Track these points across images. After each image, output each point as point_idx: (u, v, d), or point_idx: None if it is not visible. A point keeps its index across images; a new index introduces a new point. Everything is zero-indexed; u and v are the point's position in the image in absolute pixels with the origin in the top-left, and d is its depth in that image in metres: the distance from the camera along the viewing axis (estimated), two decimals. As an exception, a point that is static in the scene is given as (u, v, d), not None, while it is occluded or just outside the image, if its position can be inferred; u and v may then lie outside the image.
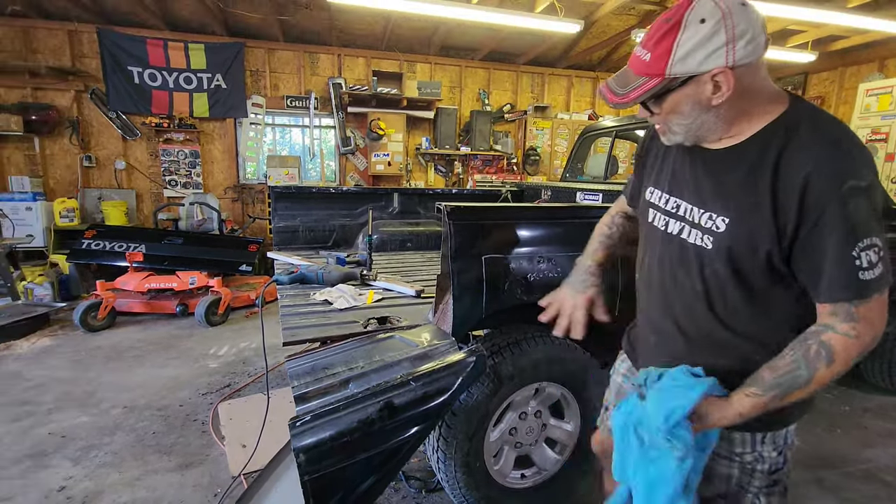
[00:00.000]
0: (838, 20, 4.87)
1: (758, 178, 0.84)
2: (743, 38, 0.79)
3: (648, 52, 0.83)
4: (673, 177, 1.00)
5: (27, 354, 3.63)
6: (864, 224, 0.77)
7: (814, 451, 2.51)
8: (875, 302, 0.80)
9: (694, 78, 0.82)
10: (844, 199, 0.77)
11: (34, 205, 5.57)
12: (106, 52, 5.97)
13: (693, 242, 0.94)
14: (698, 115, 0.86)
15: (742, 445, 1.01)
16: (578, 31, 5.33)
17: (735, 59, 0.79)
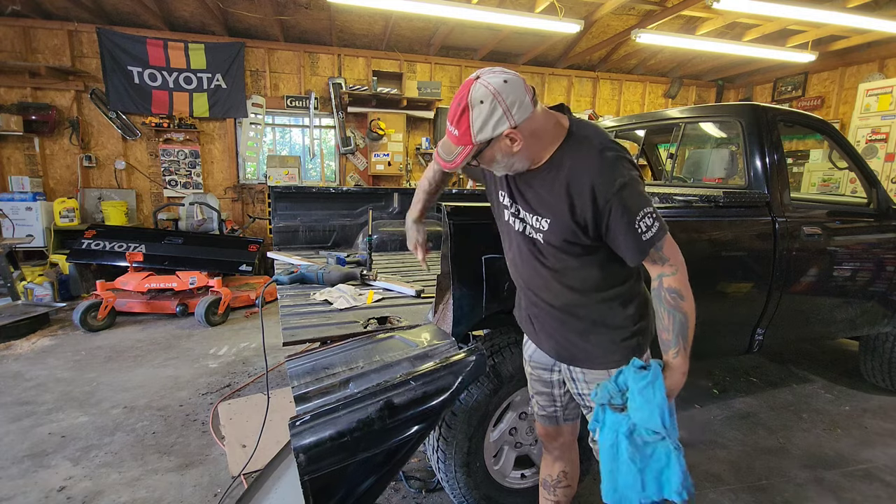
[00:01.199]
0: (838, 20, 4.88)
1: (558, 190, 1.16)
2: (514, 106, 1.08)
3: (455, 129, 1.12)
4: (513, 188, 1.30)
5: (27, 354, 3.63)
6: (634, 203, 1.11)
7: (814, 451, 2.51)
8: (665, 242, 1.16)
9: (494, 139, 1.11)
10: (620, 193, 1.10)
11: (34, 205, 5.57)
12: (106, 52, 5.97)
13: (533, 237, 1.27)
14: (507, 159, 1.16)
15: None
16: (578, 31, 5.34)
17: (515, 121, 1.09)
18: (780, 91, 7.79)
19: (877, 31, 5.45)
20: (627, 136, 3.91)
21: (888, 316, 2.84)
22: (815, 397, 3.13)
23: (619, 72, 8.16)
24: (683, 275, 1.19)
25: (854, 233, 2.68)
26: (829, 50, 6.56)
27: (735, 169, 2.92)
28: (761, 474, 2.30)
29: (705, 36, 6.11)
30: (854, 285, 2.67)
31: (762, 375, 3.45)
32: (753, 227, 2.29)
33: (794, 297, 2.48)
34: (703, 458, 2.42)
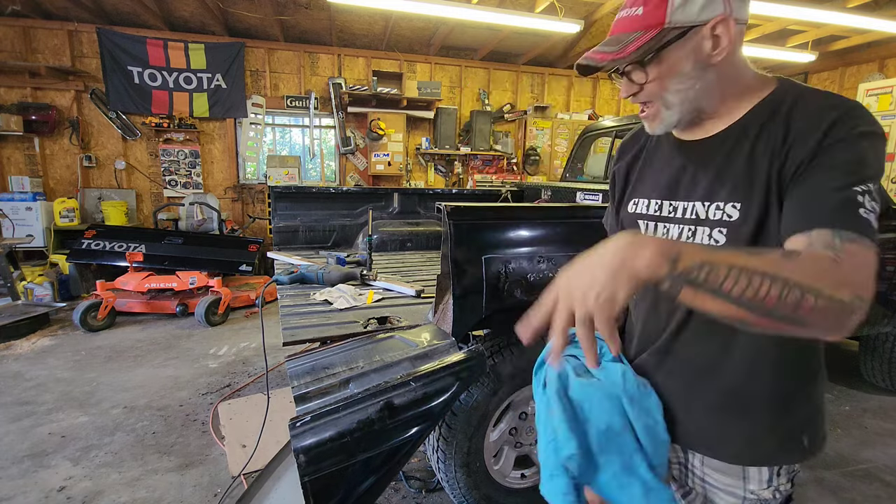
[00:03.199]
0: (838, 20, 4.87)
1: (763, 150, 0.75)
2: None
3: (641, 6, 0.74)
4: (660, 180, 0.90)
5: (27, 354, 3.63)
6: (872, 165, 0.68)
7: (814, 451, 2.51)
8: (862, 247, 0.63)
9: (694, 29, 0.74)
10: (858, 138, 0.68)
11: (34, 205, 5.57)
12: (106, 52, 5.97)
13: (702, 242, 0.81)
14: (700, 75, 0.77)
15: (758, 483, 0.86)
16: (578, 31, 5.33)
17: (732, 8, 0.73)
18: (780, 91, 7.80)
19: (877, 31, 5.44)
20: (627, 136, 3.91)
21: (888, 316, 2.84)
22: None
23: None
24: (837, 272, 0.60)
25: (854, 233, 2.67)
26: (829, 50, 6.56)
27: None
28: (761, 474, 2.30)
29: (705, 36, 6.11)
30: (854, 285, 2.67)
31: (762, 375, 3.45)
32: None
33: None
34: (703, 458, 2.42)
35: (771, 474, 0.85)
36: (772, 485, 0.85)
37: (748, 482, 0.85)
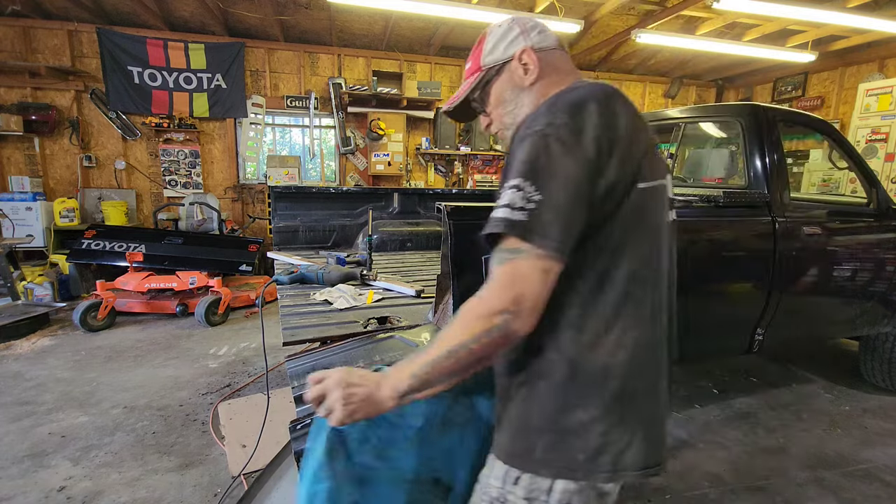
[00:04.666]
0: (838, 20, 4.87)
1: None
2: (534, 30, 0.94)
3: (469, 60, 0.98)
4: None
5: (27, 354, 3.63)
6: (520, 163, 0.77)
7: (814, 451, 2.51)
8: (499, 263, 0.76)
9: (505, 65, 0.94)
10: (523, 139, 0.79)
11: (34, 205, 5.57)
12: (106, 52, 5.97)
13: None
14: (518, 98, 0.94)
15: (492, 476, 0.90)
16: (578, 31, 5.33)
17: (532, 42, 0.92)
18: (780, 91, 7.79)
19: (877, 31, 5.44)
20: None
21: (888, 316, 2.84)
22: (815, 397, 3.13)
23: (619, 72, 8.16)
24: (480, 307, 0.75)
25: (854, 233, 2.68)
26: (829, 50, 6.56)
27: (735, 169, 2.92)
28: (761, 474, 2.30)
29: (705, 36, 6.11)
30: (854, 285, 2.67)
31: (762, 375, 3.45)
32: (753, 227, 2.29)
33: (794, 297, 2.48)
34: (703, 457, 2.42)
35: (504, 473, 0.87)
36: (503, 486, 0.87)
37: (490, 469, 0.91)
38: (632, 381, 0.84)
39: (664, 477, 2.25)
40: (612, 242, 0.81)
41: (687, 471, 2.31)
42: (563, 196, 0.75)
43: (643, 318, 0.85)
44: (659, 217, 0.88)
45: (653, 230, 0.87)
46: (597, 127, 0.77)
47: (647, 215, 0.85)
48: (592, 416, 0.82)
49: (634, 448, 0.83)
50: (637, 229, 0.83)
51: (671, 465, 2.35)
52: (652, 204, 0.85)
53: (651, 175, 0.84)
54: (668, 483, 2.21)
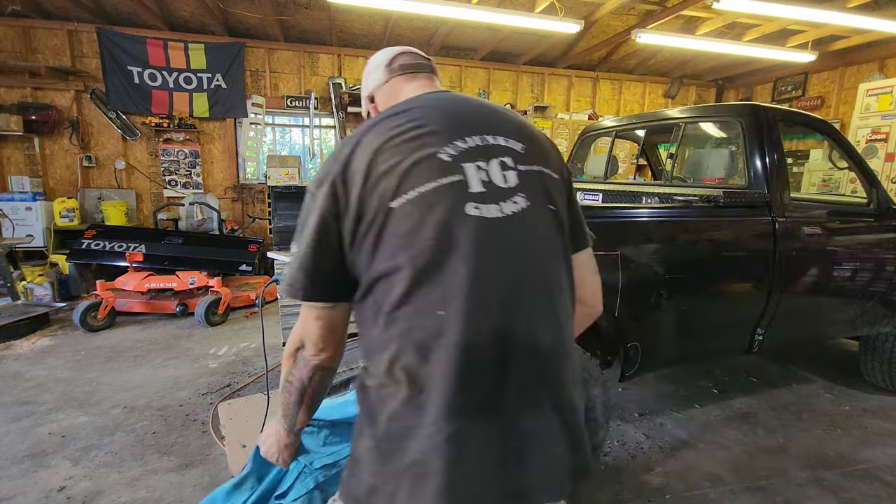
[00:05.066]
0: (838, 20, 4.88)
1: None
2: (368, 76, 1.11)
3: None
4: None
5: (27, 354, 3.63)
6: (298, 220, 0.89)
7: (814, 451, 2.51)
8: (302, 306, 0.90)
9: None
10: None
11: (34, 205, 5.57)
12: (106, 52, 5.97)
13: None
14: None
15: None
16: (578, 31, 5.34)
17: (368, 90, 1.12)
18: (780, 91, 7.79)
19: (877, 31, 5.45)
20: (627, 136, 3.91)
21: (888, 316, 2.84)
22: (815, 397, 3.13)
23: (619, 72, 8.16)
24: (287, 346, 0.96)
25: (854, 233, 2.68)
26: (829, 50, 6.56)
27: (735, 169, 2.92)
28: (761, 474, 2.30)
29: (705, 36, 6.11)
30: (854, 285, 2.67)
31: (762, 375, 3.45)
32: (753, 227, 2.29)
33: (794, 297, 2.48)
34: (703, 457, 2.42)
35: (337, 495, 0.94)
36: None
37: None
38: (398, 420, 0.77)
39: (664, 477, 2.25)
40: (376, 273, 0.80)
41: (687, 471, 2.31)
42: (303, 248, 0.84)
43: (428, 348, 0.75)
44: (447, 223, 0.78)
45: (436, 243, 0.77)
46: (328, 174, 0.84)
47: (420, 229, 0.78)
48: (369, 447, 0.80)
49: (403, 500, 0.74)
50: (404, 250, 0.77)
51: (671, 464, 2.35)
52: (427, 213, 0.78)
53: (415, 183, 0.79)
54: (667, 483, 2.21)
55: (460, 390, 0.74)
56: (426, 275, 0.76)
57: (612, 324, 2.07)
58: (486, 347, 0.76)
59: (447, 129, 0.85)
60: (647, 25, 5.73)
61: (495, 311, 0.77)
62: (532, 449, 0.78)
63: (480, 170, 0.83)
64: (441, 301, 0.76)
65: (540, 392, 0.80)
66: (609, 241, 1.96)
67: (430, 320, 0.76)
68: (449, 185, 0.80)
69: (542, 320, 0.81)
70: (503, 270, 0.80)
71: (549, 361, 0.82)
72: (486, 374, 0.77)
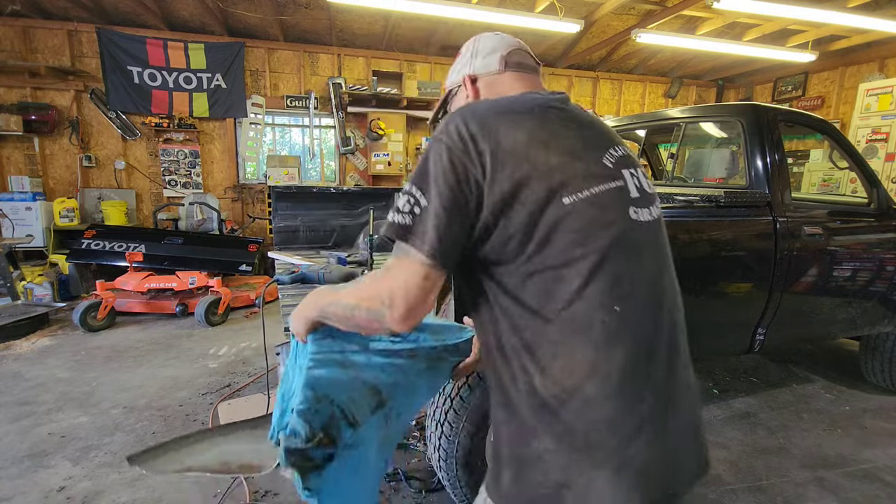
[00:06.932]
0: (838, 20, 4.88)
1: None
2: (479, 55, 1.04)
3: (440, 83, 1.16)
4: None
5: (27, 354, 3.63)
6: (418, 168, 0.83)
7: (814, 451, 2.51)
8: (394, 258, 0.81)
9: (459, 88, 1.07)
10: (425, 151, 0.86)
11: (34, 205, 5.57)
12: (106, 52, 5.97)
13: None
14: None
15: (478, 496, 0.99)
16: (578, 31, 5.34)
17: (473, 69, 1.04)
18: (780, 91, 7.80)
19: (877, 31, 5.45)
20: (628, 136, 3.90)
21: (889, 316, 2.84)
22: (815, 397, 3.13)
23: (620, 72, 8.16)
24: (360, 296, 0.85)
25: (855, 233, 2.68)
26: (829, 50, 6.56)
27: (736, 169, 2.92)
28: (761, 474, 2.30)
29: (705, 36, 6.11)
30: (855, 285, 2.67)
31: (762, 375, 3.45)
32: (754, 226, 2.29)
33: (794, 297, 2.48)
34: (704, 458, 2.42)
35: (483, 501, 0.93)
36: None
37: (479, 495, 0.96)
38: (589, 410, 0.79)
39: (665, 477, 2.25)
40: (540, 265, 0.80)
41: (687, 471, 2.31)
42: (439, 204, 0.78)
43: (604, 340, 0.79)
44: (618, 225, 0.83)
45: (610, 243, 0.81)
46: (473, 136, 0.80)
47: (595, 228, 0.80)
48: (547, 448, 0.80)
49: (601, 485, 0.78)
50: (580, 246, 0.79)
51: (672, 465, 2.35)
52: (600, 214, 0.81)
53: (585, 184, 0.81)
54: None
55: (636, 376, 0.82)
56: (601, 272, 0.80)
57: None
58: (656, 342, 0.85)
59: (596, 135, 0.90)
60: (647, 25, 5.73)
61: (658, 308, 0.86)
62: (683, 426, 0.88)
63: (633, 177, 0.90)
64: (618, 298, 0.81)
65: (683, 371, 0.91)
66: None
67: (609, 315, 0.80)
68: (616, 189, 0.86)
69: (677, 313, 0.92)
70: (655, 267, 0.89)
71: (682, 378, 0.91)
72: (658, 366, 0.85)
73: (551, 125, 0.85)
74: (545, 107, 0.89)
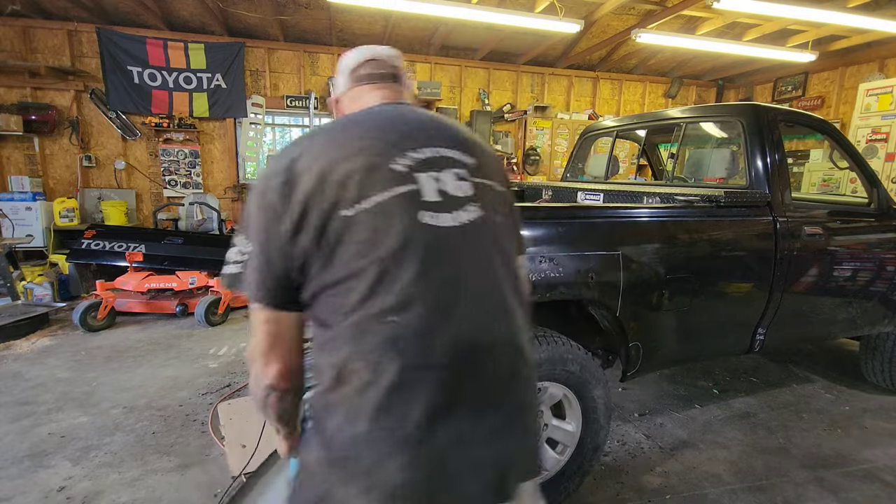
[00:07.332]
0: (838, 20, 4.88)
1: None
2: (339, 75, 1.10)
3: None
4: None
5: (27, 354, 3.63)
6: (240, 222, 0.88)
7: (814, 451, 2.51)
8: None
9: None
10: None
11: (34, 205, 5.57)
12: (106, 52, 5.97)
13: None
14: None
15: None
16: (578, 31, 5.33)
17: (336, 91, 1.12)
18: (780, 91, 7.80)
19: (877, 31, 5.44)
20: (628, 136, 3.91)
21: (889, 316, 2.84)
22: (815, 397, 3.13)
23: (619, 72, 8.16)
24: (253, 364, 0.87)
25: (855, 233, 2.68)
26: (829, 50, 6.56)
27: (736, 169, 2.92)
28: (761, 474, 2.30)
29: (705, 36, 6.11)
30: (855, 285, 2.67)
31: (762, 375, 3.45)
32: (754, 226, 2.29)
33: (795, 297, 2.48)
34: (703, 458, 2.42)
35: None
36: None
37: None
38: (346, 426, 0.78)
39: (664, 477, 2.25)
40: (330, 279, 0.81)
41: (687, 471, 2.31)
42: (257, 247, 0.83)
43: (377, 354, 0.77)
44: (404, 233, 0.80)
45: (393, 252, 0.79)
46: (274, 173, 0.83)
47: (379, 237, 0.79)
48: (317, 459, 0.81)
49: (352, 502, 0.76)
50: (363, 257, 0.79)
51: (671, 464, 2.35)
52: (385, 222, 0.80)
53: (368, 192, 0.81)
54: (667, 483, 2.21)
55: (405, 395, 0.76)
56: (382, 282, 0.78)
57: (614, 324, 2.07)
58: (439, 353, 0.78)
59: (399, 140, 0.88)
60: (647, 25, 5.73)
61: (449, 316, 0.80)
62: (477, 449, 0.80)
63: (435, 180, 0.86)
64: (395, 308, 0.77)
65: (490, 394, 0.83)
66: (610, 241, 1.96)
67: (383, 326, 0.77)
68: (403, 194, 0.83)
69: (495, 323, 0.84)
70: (457, 276, 0.82)
71: (502, 364, 0.85)
72: (441, 378, 0.78)
73: (349, 140, 0.86)
74: (357, 120, 0.92)
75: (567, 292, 1.86)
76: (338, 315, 0.80)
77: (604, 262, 1.92)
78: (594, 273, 1.89)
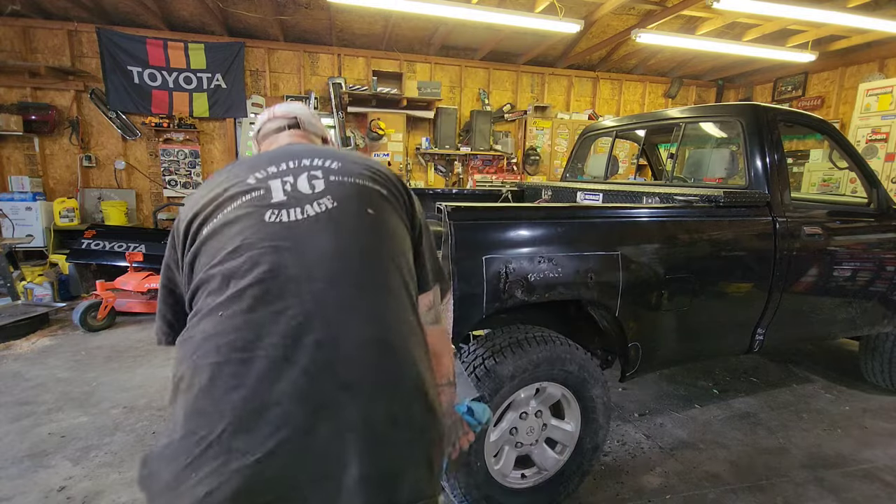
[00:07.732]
0: (838, 20, 4.87)
1: None
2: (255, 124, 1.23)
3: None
4: None
5: (27, 354, 3.63)
6: None
7: (814, 451, 2.51)
8: None
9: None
10: None
11: (34, 205, 5.57)
12: (106, 52, 5.97)
13: None
14: None
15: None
16: (578, 31, 5.33)
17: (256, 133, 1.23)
18: (780, 91, 7.79)
19: (877, 31, 5.44)
20: (627, 136, 3.91)
21: (888, 316, 2.84)
22: (815, 397, 3.13)
23: (619, 72, 8.16)
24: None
25: (854, 233, 2.68)
26: (829, 50, 6.56)
27: (735, 169, 2.92)
28: (761, 474, 2.30)
29: (705, 36, 6.11)
30: (854, 285, 2.67)
31: (762, 375, 3.45)
32: (754, 226, 2.29)
33: (794, 297, 2.48)
34: (703, 458, 2.42)
35: None
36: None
37: None
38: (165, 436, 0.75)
39: (664, 477, 2.25)
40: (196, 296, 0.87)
41: (687, 471, 2.31)
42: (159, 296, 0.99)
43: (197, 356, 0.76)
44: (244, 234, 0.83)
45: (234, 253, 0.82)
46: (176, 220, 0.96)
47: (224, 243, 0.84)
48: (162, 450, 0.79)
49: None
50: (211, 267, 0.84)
51: (671, 464, 2.35)
52: (230, 229, 0.85)
53: (221, 209, 0.89)
54: (667, 483, 2.21)
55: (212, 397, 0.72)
56: (224, 284, 0.80)
57: (613, 324, 2.07)
58: (274, 351, 0.73)
59: (266, 163, 0.96)
60: (647, 25, 5.72)
61: (291, 311, 0.76)
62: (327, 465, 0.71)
63: (285, 184, 0.90)
64: (224, 303, 0.78)
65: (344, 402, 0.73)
66: (609, 241, 1.96)
67: (216, 327, 0.77)
68: (249, 199, 0.88)
69: (354, 320, 0.79)
70: (305, 268, 0.80)
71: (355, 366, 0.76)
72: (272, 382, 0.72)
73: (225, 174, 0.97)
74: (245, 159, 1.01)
75: (566, 292, 1.86)
76: (188, 322, 0.85)
77: (603, 263, 1.92)
78: (593, 273, 1.89)
